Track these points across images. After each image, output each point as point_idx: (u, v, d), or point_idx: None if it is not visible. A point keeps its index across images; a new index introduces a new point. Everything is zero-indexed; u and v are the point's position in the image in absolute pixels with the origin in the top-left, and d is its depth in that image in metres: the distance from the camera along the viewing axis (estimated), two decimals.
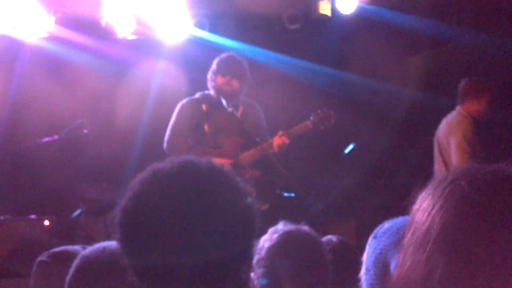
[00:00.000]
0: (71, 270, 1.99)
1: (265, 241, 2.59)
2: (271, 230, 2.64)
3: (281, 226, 2.64)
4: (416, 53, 8.39)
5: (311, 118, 5.83)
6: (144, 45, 8.06)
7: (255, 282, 2.58)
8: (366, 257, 1.80)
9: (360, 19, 7.81)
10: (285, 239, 2.56)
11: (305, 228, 2.65)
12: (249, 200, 1.58)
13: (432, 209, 1.16)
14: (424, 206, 1.19)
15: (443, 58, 8.17)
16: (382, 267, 1.72)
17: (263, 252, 2.57)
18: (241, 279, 1.58)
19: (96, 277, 1.95)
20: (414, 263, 1.14)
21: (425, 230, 1.15)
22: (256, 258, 2.59)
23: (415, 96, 7.33)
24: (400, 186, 6.61)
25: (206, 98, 5.87)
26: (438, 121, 6.45)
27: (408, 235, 1.19)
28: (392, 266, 1.68)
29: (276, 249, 2.54)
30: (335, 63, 8.33)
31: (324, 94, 8.05)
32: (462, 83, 6.20)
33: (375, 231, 1.82)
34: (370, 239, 1.81)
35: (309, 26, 8.13)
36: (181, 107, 5.88)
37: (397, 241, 1.70)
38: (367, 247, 1.81)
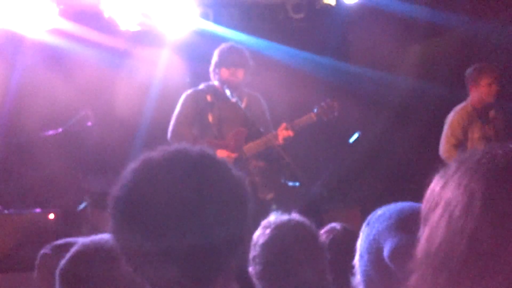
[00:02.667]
0: (66, 257, 1.99)
1: (259, 237, 2.56)
2: (263, 224, 2.60)
3: (272, 219, 2.60)
4: (419, 41, 8.36)
5: (315, 110, 5.82)
6: (147, 36, 8.04)
7: (254, 278, 2.56)
8: (360, 244, 1.81)
9: (364, 8, 7.79)
10: (278, 233, 2.52)
11: (297, 217, 2.61)
12: (241, 186, 1.57)
13: (470, 181, 1.17)
14: (454, 182, 1.20)
15: (444, 45, 8.14)
16: (375, 252, 1.73)
17: (258, 249, 2.53)
18: (234, 266, 1.57)
19: (89, 268, 1.94)
20: (455, 234, 1.16)
21: (466, 202, 1.16)
22: (252, 254, 2.56)
23: (417, 83, 7.33)
24: (404, 172, 6.62)
25: (211, 89, 5.87)
26: (439, 108, 6.45)
27: (438, 211, 1.21)
28: (385, 251, 1.69)
29: (270, 245, 2.51)
30: (339, 53, 8.32)
31: (328, 84, 8.04)
32: (466, 74, 6.29)
33: (368, 218, 1.82)
34: (364, 226, 1.82)
35: (313, 15, 8.11)
36: (186, 97, 5.88)
37: (389, 226, 1.72)
38: (361, 234, 1.82)
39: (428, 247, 1.21)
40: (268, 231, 2.53)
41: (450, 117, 6.20)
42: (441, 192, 1.22)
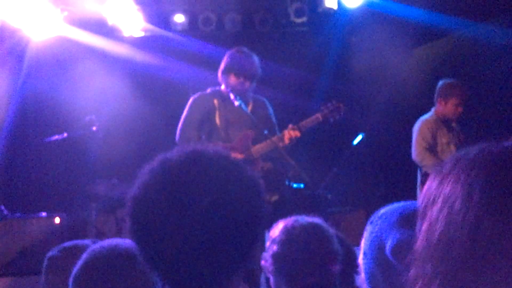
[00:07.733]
0: (79, 263, 2.00)
1: (275, 235, 2.57)
2: (280, 223, 2.61)
3: (288, 219, 2.62)
4: (420, 44, 8.39)
5: (321, 110, 5.86)
6: (150, 42, 8.08)
7: (268, 274, 2.57)
8: (364, 243, 1.82)
9: (366, 12, 7.82)
10: (296, 231, 2.53)
11: (312, 218, 2.63)
12: (257, 187, 1.59)
13: (468, 176, 1.23)
14: (452, 178, 1.26)
15: (446, 49, 8.16)
16: (378, 249, 1.74)
17: (274, 247, 2.55)
18: (250, 266, 1.59)
19: (103, 274, 1.95)
20: (455, 227, 1.21)
21: (465, 195, 1.21)
22: (268, 252, 2.57)
23: (420, 86, 7.37)
24: (409, 174, 6.66)
25: (217, 93, 5.89)
26: None
27: (437, 206, 1.26)
28: (387, 246, 1.71)
29: (288, 243, 2.52)
30: (341, 56, 8.35)
31: (330, 87, 8.08)
32: (438, 85, 6.49)
33: (371, 217, 1.84)
34: (367, 225, 1.84)
35: (315, 19, 8.15)
36: (193, 101, 5.90)
37: (392, 223, 1.75)
38: (364, 233, 1.83)
39: (427, 241, 1.26)
40: (284, 230, 2.55)
41: (418, 126, 6.46)
42: (439, 188, 1.27)
